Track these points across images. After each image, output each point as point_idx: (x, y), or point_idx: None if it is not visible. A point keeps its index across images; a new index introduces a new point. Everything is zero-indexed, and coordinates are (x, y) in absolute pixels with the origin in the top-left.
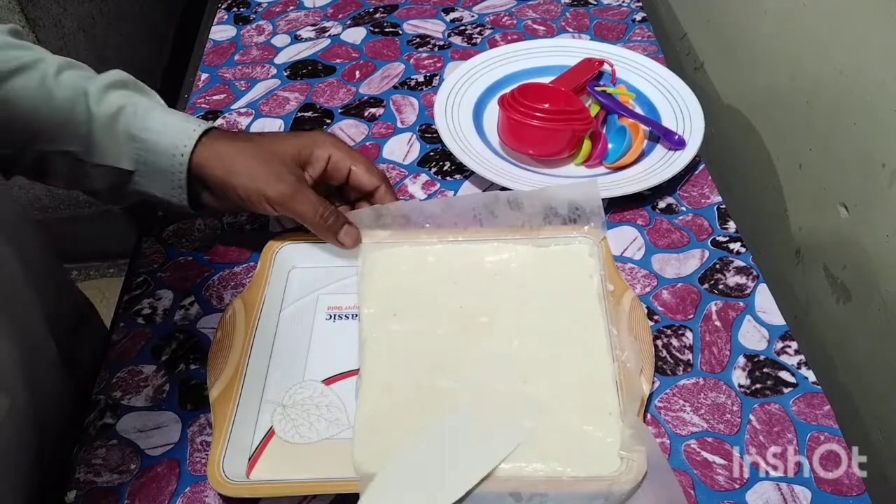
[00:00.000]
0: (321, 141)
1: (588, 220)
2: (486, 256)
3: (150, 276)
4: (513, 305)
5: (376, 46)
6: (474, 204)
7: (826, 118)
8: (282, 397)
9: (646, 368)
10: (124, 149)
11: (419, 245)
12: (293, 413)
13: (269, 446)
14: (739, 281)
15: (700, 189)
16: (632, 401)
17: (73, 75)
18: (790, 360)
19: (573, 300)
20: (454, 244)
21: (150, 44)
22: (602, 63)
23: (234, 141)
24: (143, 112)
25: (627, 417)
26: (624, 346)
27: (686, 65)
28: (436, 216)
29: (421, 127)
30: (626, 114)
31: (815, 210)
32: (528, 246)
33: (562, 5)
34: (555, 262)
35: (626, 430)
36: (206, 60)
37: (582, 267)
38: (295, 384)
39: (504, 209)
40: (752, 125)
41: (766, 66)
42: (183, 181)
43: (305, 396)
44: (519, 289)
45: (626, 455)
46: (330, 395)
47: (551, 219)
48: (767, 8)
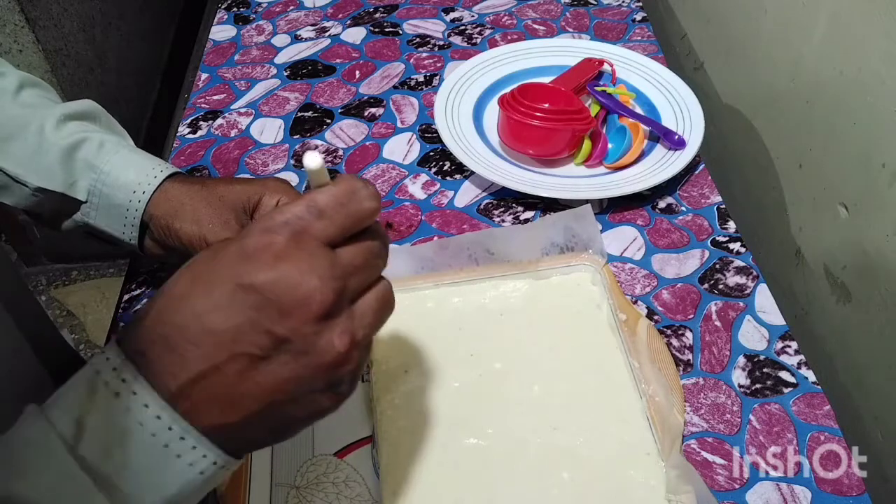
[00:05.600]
0: (272, 187)
1: (586, 247)
2: (486, 295)
3: (150, 276)
4: (524, 347)
5: (376, 46)
6: (467, 243)
7: (826, 118)
8: (293, 478)
9: (676, 400)
10: (80, 177)
11: (415, 291)
12: (309, 494)
13: None
14: (739, 281)
15: (700, 189)
16: (669, 437)
17: (34, 95)
18: (790, 360)
19: (585, 334)
20: (451, 286)
21: (150, 44)
22: (602, 63)
23: (186, 184)
24: (110, 146)
25: (670, 458)
26: (649, 380)
27: (686, 65)
28: (428, 259)
29: (421, 127)
30: (626, 114)
31: (815, 210)
32: (528, 280)
33: (562, 5)
34: (558, 294)
35: (670, 471)
36: (206, 60)
37: (587, 296)
38: (305, 461)
39: (499, 245)
40: (752, 125)
41: (766, 66)
42: (137, 220)
43: (319, 473)
44: (527, 327)
45: (675, 498)
46: (345, 468)
47: (548, 249)
48: (767, 8)
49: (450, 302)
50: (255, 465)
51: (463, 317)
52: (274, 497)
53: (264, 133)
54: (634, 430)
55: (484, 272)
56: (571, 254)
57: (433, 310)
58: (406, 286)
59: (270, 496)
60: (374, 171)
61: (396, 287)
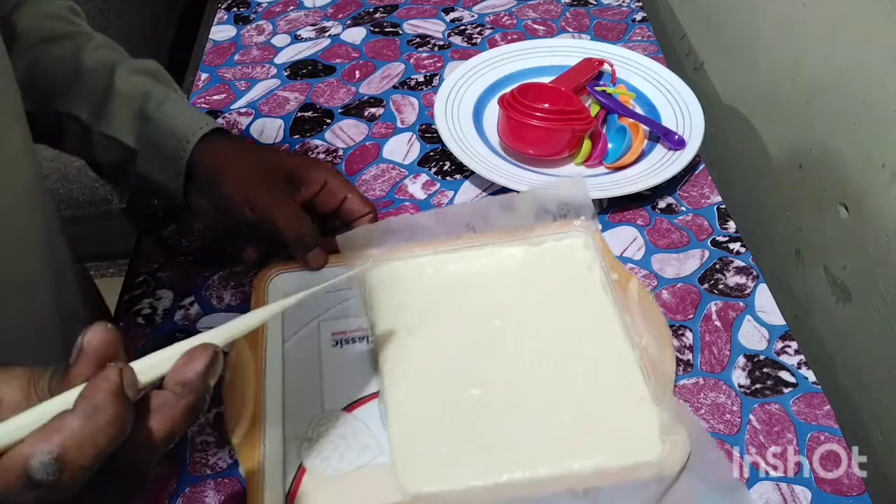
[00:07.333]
0: (320, 165)
1: (578, 215)
2: (483, 261)
3: (150, 276)
4: (521, 306)
5: (376, 46)
6: (466, 211)
7: (826, 118)
8: (305, 431)
9: (666, 350)
10: (135, 127)
11: (415, 258)
12: (320, 446)
13: (303, 483)
14: (739, 281)
15: (700, 189)
16: (662, 383)
17: (107, 52)
18: (790, 360)
19: (579, 293)
20: (449, 253)
21: (150, 44)
22: (602, 63)
23: (236, 143)
24: (163, 98)
25: (662, 400)
26: (641, 332)
27: (686, 65)
28: (428, 228)
29: (421, 127)
30: (626, 114)
31: (815, 210)
32: (524, 246)
33: (562, 5)
34: (551, 259)
35: (663, 412)
36: (206, 60)
37: (579, 260)
38: (316, 416)
39: (496, 213)
40: (752, 125)
41: (766, 66)
42: (182, 168)
43: (329, 427)
44: (523, 289)
45: (668, 437)
46: (354, 422)
47: (542, 217)
48: (767, 8)
49: (448, 268)
50: (268, 422)
51: (461, 281)
52: (288, 448)
53: (264, 133)
54: (629, 377)
55: (480, 239)
56: (564, 220)
57: (433, 275)
58: (405, 254)
59: (284, 449)
60: (374, 171)
61: (396, 256)
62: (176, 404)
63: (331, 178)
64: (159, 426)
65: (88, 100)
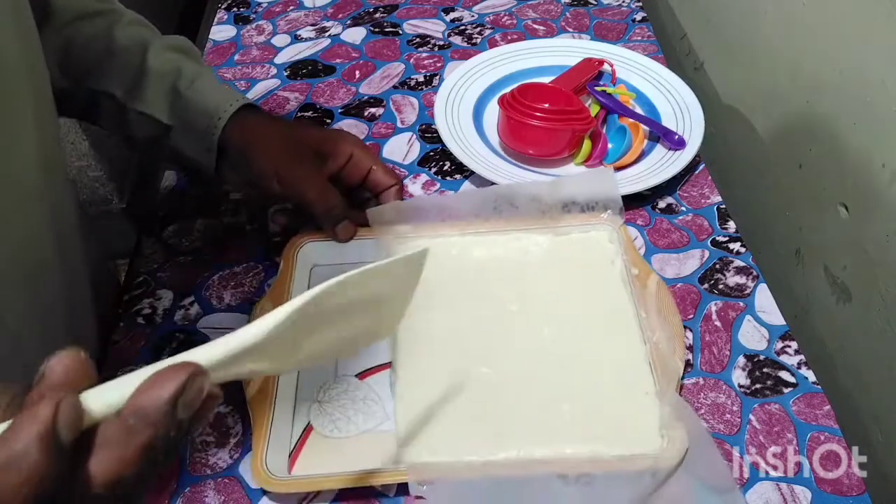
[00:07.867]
0: (346, 138)
1: (605, 208)
2: (507, 246)
3: (150, 276)
4: (540, 293)
5: (376, 46)
6: (494, 195)
7: (826, 118)
8: (316, 394)
9: (678, 348)
10: (168, 103)
11: (441, 237)
12: (329, 408)
13: (308, 442)
14: (739, 281)
15: (700, 189)
16: (668, 380)
17: (139, 29)
18: (790, 360)
19: (598, 285)
20: (476, 235)
21: None
22: (602, 63)
23: (265, 119)
24: (193, 75)
25: (666, 395)
26: (654, 328)
27: (686, 65)
28: (456, 209)
29: (421, 127)
30: (626, 114)
31: (815, 210)
32: (549, 235)
33: (562, 5)
34: (576, 250)
35: (664, 407)
36: (206, 60)
37: (603, 253)
38: (328, 380)
39: (524, 200)
40: (752, 125)
41: (766, 66)
42: (214, 144)
43: (340, 391)
44: (544, 277)
45: (667, 433)
46: (365, 388)
47: (570, 207)
48: (767, 8)
49: (473, 250)
50: (282, 380)
51: (484, 263)
52: (298, 407)
53: None
54: (636, 372)
55: (507, 224)
56: (591, 213)
57: (457, 256)
58: (432, 233)
59: (294, 407)
60: None
61: (423, 233)
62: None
63: (357, 150)
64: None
65: (123, 78)
